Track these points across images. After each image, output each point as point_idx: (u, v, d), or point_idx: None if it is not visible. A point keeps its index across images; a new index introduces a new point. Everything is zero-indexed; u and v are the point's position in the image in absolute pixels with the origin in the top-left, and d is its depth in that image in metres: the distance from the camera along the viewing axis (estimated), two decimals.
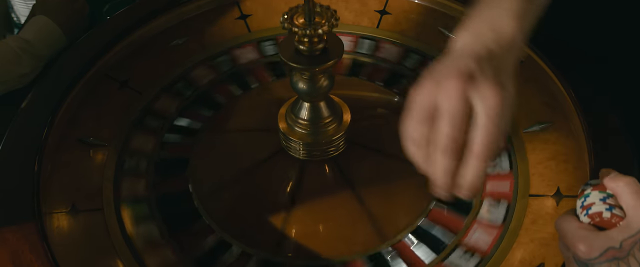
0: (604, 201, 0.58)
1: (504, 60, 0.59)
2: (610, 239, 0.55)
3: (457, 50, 0.61)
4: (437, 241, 0.77)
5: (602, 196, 0.59)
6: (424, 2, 1.09)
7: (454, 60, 0.59)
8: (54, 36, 1.18)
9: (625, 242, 0.54)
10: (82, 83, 0.94)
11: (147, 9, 1.07)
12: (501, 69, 0.58)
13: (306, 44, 0.75)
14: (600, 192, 0.59)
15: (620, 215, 0.57)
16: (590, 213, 0.58)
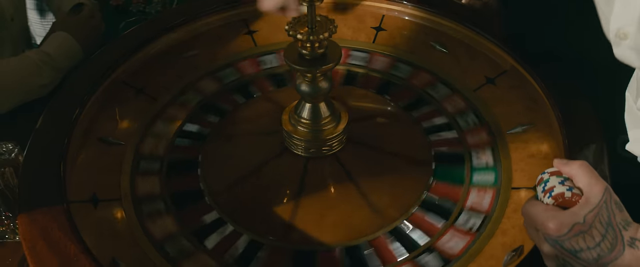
0: (562, 183, 0.65)
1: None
2: (575, 215, 0.62)
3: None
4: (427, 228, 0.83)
5: (560, 179, 0.66)
6: (415, 20, 1.19)
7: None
8: (73, 51, 1.29)
9: (587, 216, 0.61)
10: (102, 89, 1.02)
11: (162, 25, 1.17)
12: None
13: (308, 49, 0.84)
14: (557, 177, 0.66)
15: (578, 194, 0.64)
16: (554, 195, 0.65)
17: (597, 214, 0.60)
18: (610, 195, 0.62)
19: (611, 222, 0.60)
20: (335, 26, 0.83)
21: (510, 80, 1.03)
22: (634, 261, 0.59)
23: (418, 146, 0.97)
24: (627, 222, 0.61)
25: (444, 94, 1.06)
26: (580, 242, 0.60)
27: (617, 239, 0.60)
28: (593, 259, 0.60)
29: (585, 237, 0.60)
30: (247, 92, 1.10)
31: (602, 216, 0.60)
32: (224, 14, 1.22)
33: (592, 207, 0.61)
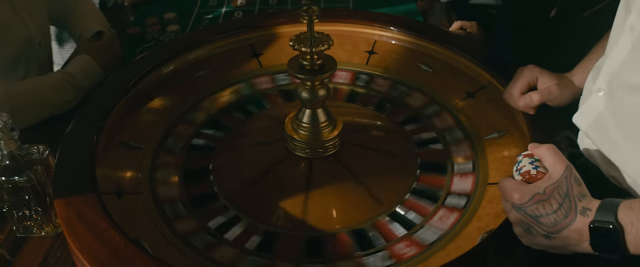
0: (532, 163, 0.78)
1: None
2: (536, 188, 0.74)
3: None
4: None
5: (530, 160, 0.78)
6: (403, 44, 1.33)
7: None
8: (94, 72, 1.42)
9: (547, 188, 0.73)
10: (124, 100, 1.15)
11: (177, 47, 1.31)
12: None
13: (308, 60, 0.98)
14: (529, 158, 0.79)
15: (543, 171, 0.76)
16: (522, 172, 0.78)
17: (557, 187, 0.72)
18: (570, 172, 0.74)
19: (569, 194, 0.72)
20: (331, 41, 0.97)
21: (488, 94, 1.16)
22: (583, 226, 0.71)
23: (406, 148, 1.09)
24: (583, 195, 0.73)
25: (432, 110, 1.20)
26: (539, 209, 0.72)
27: (571, 208, 0.71)
28: (551, 224, 0.72)
29: (544, 205, 0.72)
30: (251, 107, 1.24)
31: (561, 189, 0.72)
32: (233, 39, 1.37)
33: (553, 182, 0.73)
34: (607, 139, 0.81)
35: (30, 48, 1.48)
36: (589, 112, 0.84)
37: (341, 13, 1.55)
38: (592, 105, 0.84)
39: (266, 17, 1.45)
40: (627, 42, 0.76)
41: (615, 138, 0.79)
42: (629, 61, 0.76)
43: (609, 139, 0.80)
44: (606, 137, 0.81)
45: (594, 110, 0.83)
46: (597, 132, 0.83)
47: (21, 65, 1.46)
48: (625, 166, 0.78)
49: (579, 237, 0.71)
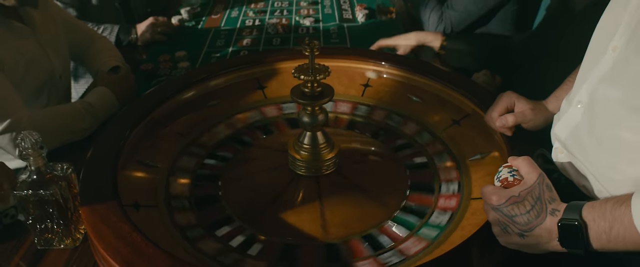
0: (510, 172, 0.89)
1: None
2: (512, 191, 0.85)
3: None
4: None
5: (509, 169, 0.89)
6: (395, 77, 1.46)
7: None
8: (111, 103, 1.53)
9: (522, 192, 0.84)
10: (141, 125, 1.27)
11: (189, 79, 1.43)
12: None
13: (309, 88, 1.10)
14: (508, 168, 0.90)
15: (519, 178, 0.87)
16: (500, 179, 0.89)
17: (530, 191, 0.84)
18: (543, 179, 0.85)
19: (541, 197, 0.83)
20: (329, 71, 1.09)
21: (472, 121, 1.28)
22: (552, 225, 0.81)
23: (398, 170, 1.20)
24: (553, 198, 0.84)
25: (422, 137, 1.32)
26: (514, 210, 0.83)
27: (542, 209, 0.82)
28: (524, 223, 0.82)
29: (519, 206, 0.83)
30: (257, 132, 1.36)
31: (534, 192, 0.83)
32: (240, 73, 1.50)
33: (527, 187, 0.84)
34: (581, 148, 0.92)
35: (52, 80, 1.61)
36: (568, 122, 0.96)
37: (339, 50, 1.70)
38: (571, 116, 0.95)
39: (270, 54, 1.59)
40: (609, 61, 0.88)
41: (588, 147, 0.90)
42: (608, 76, 0.88)
43: (583, 148, 0.91)
44: (580, 147, 0.92)
45: (572, 121, 0.94)
46: (573, 142, 0.94)
47: (44, 95, 1.58)
48: (596, 172, 0.89)
49: (549, 235, 0.81)
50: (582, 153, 0.92)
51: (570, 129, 0.94)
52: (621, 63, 0.83)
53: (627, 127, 0.81)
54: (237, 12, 2.36)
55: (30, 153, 1.05)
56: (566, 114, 0.96)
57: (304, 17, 2.25)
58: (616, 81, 0.84)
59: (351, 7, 2.37)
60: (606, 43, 0.87)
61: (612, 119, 0.84)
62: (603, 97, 0.87)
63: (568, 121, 0.95)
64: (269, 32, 2.12)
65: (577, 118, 0.93)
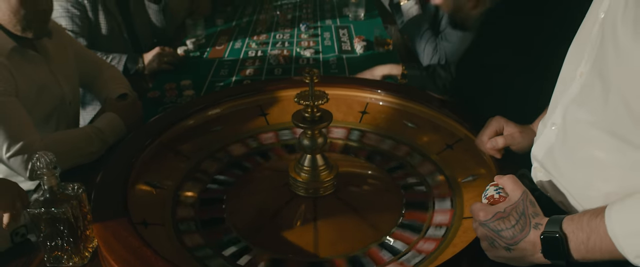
0: (496, 190, 0.95)
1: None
2: (498, 208, 0.91)
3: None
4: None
5: (495, 187, 0.96)
6: (391, 105, 1.54)
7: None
8: (119, 128, 1.60)
9: (507, 208, 0.90)
10: (149, 148, 1.33)
11: (195, 106, 1.50)
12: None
13: (309, 113, 1.17)
14: (494, 186, 0.96)
15: (504, 195, 0.93)
16: (487, 196, 0.95)
17: (515, 207, 0.90)
18: (527, 196, 0.91)
19: (525, 212, 0.89)
20: (328, 97, 1.16)
21: (464, 145, 1.35)
22: (536, 238, 0.87)
23: (393, 189, 1.26)
24: (536, 213, 0.90)
25: (416, 160, 1.39)
26: (500, 225, 0.89)
27: (526, 224, 0.88)
28: (510, 237, 0.88)
29: (504, 221, 0.89)
30: (258, 157, 1.43)
31: (518, 208, 0.89)
32: (243, 100, 1.57)
33: (512, 203, 0.90)
34: (557, 167, 0.98)
35: (62, 106, 1.68)
36: (544, 143, 1.02)
37: (338, 79, 1.78)
38: (546, 137, 1.02)
39: (272, 83, 1.67)
40: (577, 85, 0.95)
41: (563, 166, 0.97)
42: (577, 100, 0.95)
43: (558, 167, 0.98)
44: (556, 166, 0.98)
45: (547, 142, 1.01)
46: (549, 161, 1.00)
47: (53, 120, 1.66)
48: (572, 189, 0.95)
49: (533, 248, 0.87)
50: (558, 172, 0.98)
51: (546, 149, 1.01)
52: (587, 87, 0.91)
53: (599, 147, 0.88)
54: (240, 43, 2.45)
55: (45, 172, 1.11)
56: (542, 135, 1.03)
57: (304, 49, 2.34)
58: (584, 104, 0.91)
59: (350, 39, 2.47)
60: (574, 69, 0.95)
61: (584, 139, 0.91)
62: (574, 119, 0.93)
63: (544, 142, 1.02)
64: (270, 63, 2.20)
65: (552, 139, 0.99)
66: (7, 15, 1.48)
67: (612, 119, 0.85)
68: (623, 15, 0.82)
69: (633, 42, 0.79)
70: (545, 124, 1.03)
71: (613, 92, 0.84)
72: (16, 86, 1.49)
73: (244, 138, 1.48)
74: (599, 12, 0.90)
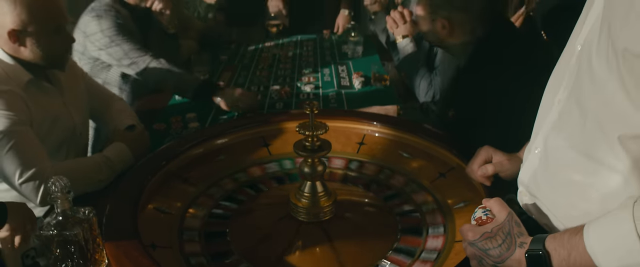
0: (483, 212, 1.02)
1: None
2: (485, 228, 0.99)
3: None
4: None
5: (483, 210, 1.03)
6: (388, 136, 1.62)
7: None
8: (126, 158, 1.67)
9: (494, 228, 0.97)
10: (158, 176, 1.41)
11: (201, 136, 1.59)
12: None
13: (310, 142, 1.25)
14: (482, 209, 1.04)
15: (492, 217, 1.01)
16: (475, 218, 1.02)
17: (501, 227, 0.97)
18: (512, 217, 0.99)
19: (510, 232, 0.96)
20: (327, 128, 1.25)
21: (456, 173, 1.43)
22: (521, 256, 0.94)
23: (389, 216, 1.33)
24: (521, 233, 0.97)
25: (411, 188, 1.47)
26: (488, 244, 0.96)
27: (512, 242, 0.95)
28: (497, 255, 0.95)
29: (491, 241, 0.96)
30: (261, 185, 1.51)
31: (504, 228, 0.97)
32: (247, 131, 1.66)
33: (498, 223, 0.97)
34: (541, 189, 1.06)
35: (73, 136, 1.77)
36: (529, 168, 1.10)
37: (336, 112, 1.87)
38: (530, 162, 1.09)
39: (274, 115, 1.77)
40: (556, 112, 1.03)
41: (546, 188, 1.04)
42: (557, 126, 1.03)
43: (541, 190, 1.05)
44: (539, 188, 1.06)
45: (532, 166, 1.09)
46: (533, 184, 1.08)
47: (64, 150, 1.74)
48: (555, 210, 1.02)
49: (518, 265, 0.94)
50: (541, 194, 1.05)
51: (531, 174, 1.09)
52: (565, 113, 0.99)
53: (577, 170, 0.95)
54: (243, 78, 2.55)
55: (59, 196, 1.18)
56: (527, 160, 1.11)
57: (305, 84, 2.44)
58: (563, 129, 0.99)
59: (348, 75, 2.57)
60: (553, 96, 1.03)
61: (563, 163, 0.99)
62: (553, 144, 1.02)
63: (528, 167, 1.10)
64: (272, 97, 2.30)
65: (536, 164, 1.07)
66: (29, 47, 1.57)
67: (589, 143, 0.92)
68: (597, 47, 0.90)
69: (606, 73, 0.88)
70: (530, 149, 1.11)
71: (589, 118, 0.92)
72: (31, 116, 1.57)
73: (248, 167, 1.56)
74: (576, 44, 0.99)
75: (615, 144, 0.87)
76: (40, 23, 1.55)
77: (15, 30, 1.53)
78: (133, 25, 2.33)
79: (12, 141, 1.48)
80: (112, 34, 2.23)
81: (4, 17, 1.53)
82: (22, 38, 1.55)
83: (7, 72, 1.58)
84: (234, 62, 2.82)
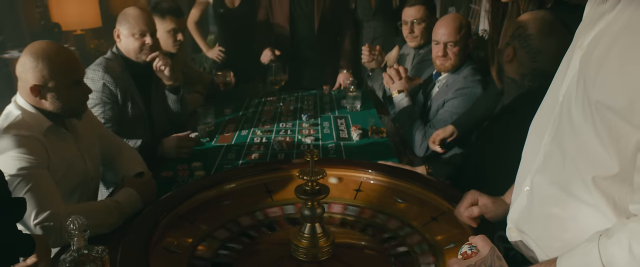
0: (469, 247, 1.13)
1: None
2: (469, 261, 1.10)
3: None
4: None
5: (469, 245, 1.14)
6: (382, 183, 1.74)
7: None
8: (136, 202, 1.78)
9: (477, 262, 1.08)
10: (167, 218, 1.51)
11: (207, 183, 1.70)
12: None
13: (310, 186, 1.36)
14: (468, 245, 1.14)
15: (476, 252, 1.11)
16: (461, 253, 1.13)
17: (484, 260, 1.07)
18: (494, 251, 1.09)
19: (492, 265, 1.06)
20: (325, 173, 1.37)
21: (447, 217, 1.54)
22: None
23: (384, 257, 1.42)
24: (502, 265, 1.06)
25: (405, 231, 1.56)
26: None
27: None
28: None
29: None
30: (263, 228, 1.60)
31: (487, 261, 1.07)
32: (251, 179, 1.78)
33: (482, 257, 1.07)
34: (527, 224, 1.16)
35: (85, 181, 1.88)
36: (518, 206, 1.21)
37: (335, 161, 1.99)
38: (520, 201, 1.20)
39: (276, 164, 1.88)
40: (541, 154, 1.15)
41: (531, 223, 1.15)
42: (541, 167, 1.15)
43: (528, 224, 1.16)
44: (526, 223, 1.17)
45: (521, 205, 1.20)
46: (521, 220, 1.19)
47: (77, 194, 1.85)
48: (540, 241, 1.13)
49: None
50: (527, 229, 1.16)
51: (520, 210, 1.20)
52: (549, 155, 1.11)
53: (557, 205, 1.07)
54: (246, 131, 2.69)
55: (76, 234, 1.29)
56: (517, 199, 1.22)
57: (305, 136, 2.57)
58: (547, 169, 1.11)
59: (347, 127, 2.71)
60: (540, 141, 1.15)
61: (545, 198, 1.11)
62: (538, 183, 1.13)
63: (518, 204, 1.21)
64: (274, 148, 2.42)
65: (524, 202, 1.18)
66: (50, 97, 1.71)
67: (568, 181, 1.04)
68: (575, 99, 1.04)
69: (583, 121, 1.00)
70: (520, 189, 1.22)
71: (568, 159, 1.04)
72: (49, 161, 1.69)
73: (252, 211, 1.66)
74: (559, 95, 1.12)
75: (589, 183, 0.99)
76: (60, 79, 1.71)
77: (37, 85, 1.68)
78: (128, 82, 2.43)
79: (31, 183, 1.59)
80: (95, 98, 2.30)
81: (26, 73, 1.69)
82: (44, 92, 1.70)
83: (28, 119, 1.72)
84: (237, 115, 2.97)
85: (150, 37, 2.44)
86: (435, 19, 2.76)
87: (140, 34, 2.41)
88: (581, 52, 1.03)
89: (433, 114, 2.42)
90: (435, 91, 2.50)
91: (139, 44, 2.42)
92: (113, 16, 4.56)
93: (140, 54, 2.45)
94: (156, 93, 2.63)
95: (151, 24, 2.47)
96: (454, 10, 6.57)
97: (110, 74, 2.34)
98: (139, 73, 2.49)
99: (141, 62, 2.46)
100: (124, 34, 2.42)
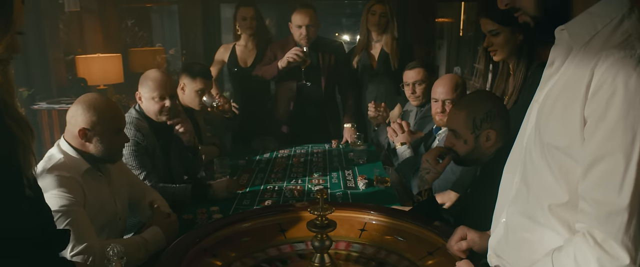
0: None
1: None
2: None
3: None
4: None
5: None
6: (384, 223, 1.96)
7: None
8: (160, 240, 2.00)
9: None
10: (191, 252, 1.72)
11: (226, 222, 1.92)
12: None
13: (319, 220, 1.58)
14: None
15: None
16: None
17: None
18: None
19: None
20: (333, 209, 1.59)
21: (441, 252, 1.74)
22: None
23: None
24: None
25: (404, 265, 1.75)
26: None
27: None
28: None
29: None
30: (278, 262, 1.82)
31: None
32: (266, 219, 2.00)
33: None
34: (503, 250, 1.36)
35: (114, 220, 2.11)
36: (496, 234, 1.42)
37: (341, 204, 2.22)
38: (498, 230, 1.42)
39: (289, 206, 2.11)
40: (514, 190, 1.37)
41: (505, 248, 1.35)
42: (513, 200, 1.36)
43: (504, 249, 1.36)
44: (502, 249, 1.37)
45: (499, 233, 1.40)
46: (498, 247, 1.40)
47: (105, 232, 2.08)
48: (513, 263, 1.33)
49: None
50: (504, 253, 1.36)
51: (498, 239, 1.40)
52: (518, 190, 1.33)
53: (525, 230, 1.28)
54: (260, 179, 2.92)
55: (115, 260, 1.50)
56: (495, 229, 1.43)
57: (315, 185, 2.80)
58: (517, 201, 1.33)
59: (354, 177, 2.94)
60: (512, 179, 1.38)
61: (517, 226, 1.32)
62: (511, 213, 1.35)
63: (496, 233, 1.42)
64: (286, 195, 2.65)
65: (501, 231, 1.39)
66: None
67: (532, 210, 1.26)
68: (534, 142, 1.27)
69: (540, 160, 1.23)
70: (498, 220, 1.43)
71: (531, 192, 1.27)
72: (85, 200, 1.93)
73: (267, 248, 1.87)
74: (524, 141, 1.36)
75: (546, 210, 1.21)
76: (106, 125, 1.97)
77: (85, 129, 1.94)
78: (154, 139, 2.67)
79: (70, 218, 1.82)
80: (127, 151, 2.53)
81: (77, 118, 1.96)
82: (90, 136, 1.96)
83: (69, 162, 1.97)
84: (251, 166, 3.21)
85: (169, 100, 2.64)
86: (434, 78, 3.04)
87: (160, 97, 2.61)
88: (537, 105, 1.28)
89: None
90: (435, 144, 2.74)
91: (158, 107, 2.63)
92: (133, 73, 4.92)
93: (160, 115, 2.65)
94: (175, 148, 2.88)
95: (171, 87, 2.67)
96: (459, 69, 6.93)
97: (142, 132, 2.60)
98: (160, 130, 2.72)
99: (161, 122, 2.71)
100: (145, 96, 2.63)
